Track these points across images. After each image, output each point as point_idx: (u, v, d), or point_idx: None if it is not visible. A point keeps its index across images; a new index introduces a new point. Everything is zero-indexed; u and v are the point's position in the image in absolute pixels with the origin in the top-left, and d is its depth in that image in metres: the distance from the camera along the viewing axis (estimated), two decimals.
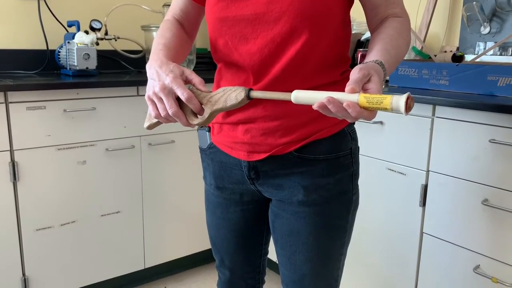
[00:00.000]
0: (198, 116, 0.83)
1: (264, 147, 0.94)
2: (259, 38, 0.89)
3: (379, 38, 0.87)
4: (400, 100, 0.66)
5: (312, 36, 0.87)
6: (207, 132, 1.05)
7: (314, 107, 0.71)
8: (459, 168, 1.38)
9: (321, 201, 0.96)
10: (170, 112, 0.82)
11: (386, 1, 0.92)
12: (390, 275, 1.62)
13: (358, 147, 1.03)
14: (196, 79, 0.84)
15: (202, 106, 0.83)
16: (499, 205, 1.30)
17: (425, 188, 1.47)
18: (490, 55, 1.79)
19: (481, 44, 1.84)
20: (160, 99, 0.82)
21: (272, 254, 1.28)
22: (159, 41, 0.94)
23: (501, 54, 1.77)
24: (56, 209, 1.77)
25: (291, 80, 0.89)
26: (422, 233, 1.51)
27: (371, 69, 0.75)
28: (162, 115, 0.83)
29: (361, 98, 0.69)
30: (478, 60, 1.69)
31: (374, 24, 0.94)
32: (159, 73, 0.83)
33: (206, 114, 0.82)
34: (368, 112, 0.70)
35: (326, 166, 0.95)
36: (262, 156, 0.95)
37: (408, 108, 0.67)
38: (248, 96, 0.80)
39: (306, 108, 0.92)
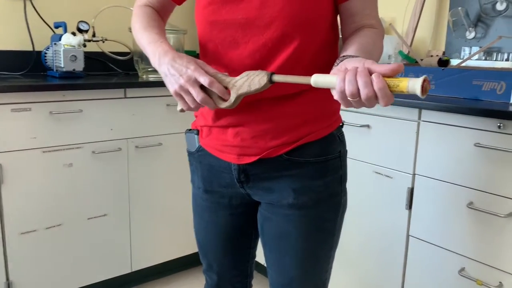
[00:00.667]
0: (225, 100, 0.86)
1: (255, 150, 0.94)
2: (250, 42, 0.89)
3: (354, 42, 0.88)
4: (416, 84, 0.67)
5: (303, 40, 0.88)
6: (196, 135, 1.05)
7: (341, 83, 0.71)
8: (444, 172, 1.40)
9: (311, 204, 0.96)
10: (198, 100, 0.84)
11: (362, 11, 0.93)
12: (377, 278, 1.63)
13: (346, 150, 1.04)
14: (213, 68, 0.86)
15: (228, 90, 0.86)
16: (484, 208, 1.31)
17: (411, 191, 1.49)
18: (475, 59, 1.81)
19: (467, 49, 1.86)
20: (187, 92, 0.84)
21: (260, 257, 1.28)
22: (151, 30, 0.94)
23: (486, 59, 1.79)
24: (41, 212, 1.75)
25: (282, 84, 0.90)
26: (408, 236, 1.52)
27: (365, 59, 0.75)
28: (192, 106, 0.86)
29: None
30: (463, 64, 1.71)
31: (348, 32, 0.94)
32: (176, 68, 0.84)
33: (232, 98, 0.85)
34: (389, 93, 0.69)
35: (316, 168, 0.96)
36: (253, 159, 0.95)
37: (424, 90, 0.67)
38: (270, 80, 0.81)
39: (296, 111, 0.93)
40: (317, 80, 0.76)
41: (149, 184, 2.02)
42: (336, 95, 0.73)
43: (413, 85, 0.67)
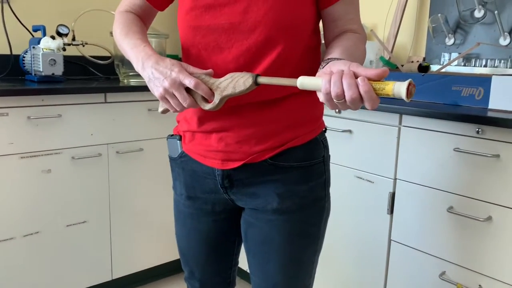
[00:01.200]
0: (209, 102, 0.85)
1: (239, 155, 0.94)
2: (233, 47, 0.89)
3: (338, 45, 0.89)
4: (401, 87, 0.67)
5: (287, 45, 0.88)
6: (178, 141, 1.04)
7: (327, 85, 0.72)
8: (425, 176, 1.41)
9: (295, 209, 0.96)
10: (185, 105, 0.84)
11: (345, 16, 0.94)
12: (359, 282, 1.63)
13: (329, 155, 1.04)
14: (197, 69, 0.85)
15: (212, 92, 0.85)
16: (463, 212, 1.33)
17: (392, 196, 1.50)
18: (455, 65, 1.84)
19: (446, 55, 1.89)
20: (173, 95, 0.84)
21: (243, 263, 1.27)
22: (133, 35, 0.94)
23: (465, 65, 1.82)
24: (19, 219, 1.71)
25: (267, 88, 0.89)
26: (390, 240, 1.53)
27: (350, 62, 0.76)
28: (178, 109, 0.86)
29: None
30: (443, 70, 1.73)
31: (331, 37, 0.96)
32: (160, 71, 0.84)
33: (217, 100, 0.84)
34: (374, 96, 0.70)
35: (300, 173, 0.96)
36: (237, 164, 0.94)
37: (409, 94, 0.68)
38: (255, 82, 0.81)
39: (280, 116, 0.93)
40: (303, 82, 0.76)
41: (130, 190, 1.99)
42: (321, 97, 0.74)
43: (399, 88, 0.68)
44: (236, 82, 0.82)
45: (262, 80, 0.81)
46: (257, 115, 0.92)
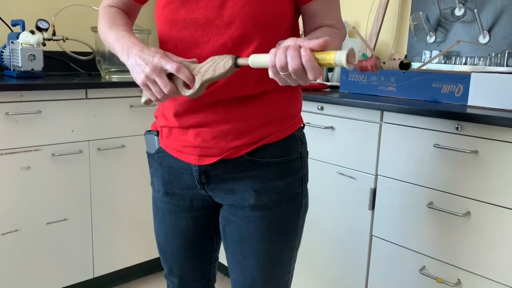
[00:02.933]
0: (190, 88, 0.84)
1: (216, 151, 0.93)
2: (209, 42, 0.88)
3: (308, 35, 0.90)
4: (342, 55, 0.69)
5: (263, 41, 0.88)
6: (155, 137, 1.03)
7: (272, 58, 0.73)
8: (405, 172, 1.42)
9: (272, 205, 0.96)
10: (166, 91, 0.82)
11: (322, 12, 0.94)
12: (341, 277, 1.64)
13: (307, 151, 1.05)
14: (181, 58, 0.84)
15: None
16: (443, 207, 1.35)
17: (373, 192, 1.51)
18: (435, 63, 1.86)
19: (427, 53, 1.91)
20: (154, 82, 0.82)
21: (224, 259, 1.27)
22: (117, 27, 0.93)
23: (445, 63, 1.84)
24: None
25: (243, 85, 0.89)
26: (371, 235, 1.54)
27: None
28: (159, 97, 0.84)
29: None
30: (424, 68, 1.75)
31: (309, 32, 0.97)
32: (143, 58, 0.83)
33: (197, 84, 0.82)
34: (316, 65, 0.71)
35: (277, 169, 0.96)
36: (213, 159, 0.94)
37: (350, 61, 0.69)
38: (235, 64, 0.80)
39: (257, 112, 0.93)
40: (254, 60, 0.77)
41: (112, 188, 1.97)
42: (269, 72, 0.75)
43: (340, 56, 0.69)
44: (216, 65, 0.81)
45: (242, 61, 0.80)
46: (234, 111, 0.92)
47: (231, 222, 1.00)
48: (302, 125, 1.03)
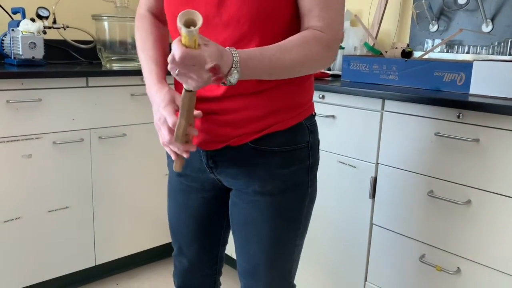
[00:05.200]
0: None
1: (221, 138, 0.95)
2: (211, 37, 0.88)
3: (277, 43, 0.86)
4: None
5: (262, 41, 0.87)
6: None
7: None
8: (406, 161, 1.42)
9: (276, 192, 0.97)
10: (164, 140, 0.90)
11: (310, 12, 0.88)
12: (341, 265, 1.65)
13: (318, 140, 1.04)
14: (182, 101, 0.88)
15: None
16: (443, 196, 1.35)
17: (374, 181, 1.51)
18: (438, 52, 1.85)
19: (430, 41, 1.90)
20: (160, 129, 0.90)
21: (228, 248, 1.28)
22: (146, 52, 0.99)
23: (447, 51, 1.83)
24: None
25: (244, 82, 0.89)
26: (371, 224, 1.54)
27: (216, 45, 0.76)
28: (163, 143, 0.92)
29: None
30: (426, 56, 1.74)
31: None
32: (156, 102, 0.92)
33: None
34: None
35: (281, 158, 0.96)
36: (219, 146, 0.95)
37: (187, 26, 0.71)
38: (186, 89, 0.82)
39: (264, 103, 0.92)
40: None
41: (113, 176, 1.98)
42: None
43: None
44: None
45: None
46: (240, 103, 0.92)
47: (237, 206, 1.01)
48: (312, 114, 1.02)
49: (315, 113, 1.04)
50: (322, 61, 0.89)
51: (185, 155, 0.89)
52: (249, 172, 0.96)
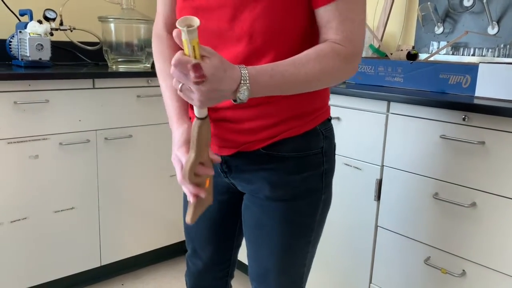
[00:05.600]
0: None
1: (232, 144, 0.94)
2: (224, 50, 0.87)
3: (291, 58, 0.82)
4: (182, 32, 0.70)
5: (277, 55, 0.86)
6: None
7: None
8: (411, 163, 1.42)
9: (287, 198, 0.96)
10: (178, 180, 0.89)
11: (328, 24, 0.84)
12: (346, 267, 1.65)
13: (334, 145, 1.01)
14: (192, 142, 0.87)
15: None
16: (448, 198, 1.34)
17: (379, 183, 1.51)
18: (443, 54, 1.85)
19: (435, 44, 1.90)
20: (175, 168, 0.91)
21: (243, 257, 1.29)
22: (166, 83, 0.98)
23: (453, 54, 1.83)
24: (6, 205, 1.70)
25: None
26: (376, 226, 1.54)
27: (220, 58, 0.73)
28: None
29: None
30: (431, 59, 1.74)
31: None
32: (173, 140, 0.93)
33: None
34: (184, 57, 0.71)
35: (294, 164, 0.94)
36: (232, 151, 0.95)
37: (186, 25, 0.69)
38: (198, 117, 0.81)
39: (276, 111, 0.91)
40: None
41: (119, 177, 1.99)
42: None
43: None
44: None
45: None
46: (253, 112, 0.91)
47: (249, 209, 1.01)
48: (328, 118, 0.99)
49: (331, 117, 1.01)
50: (340, 75, 0.86)
51: (191, 200, 0.86)
52: (261, 177, 0.95)
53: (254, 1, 0.83)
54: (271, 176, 0.95)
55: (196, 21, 0.69)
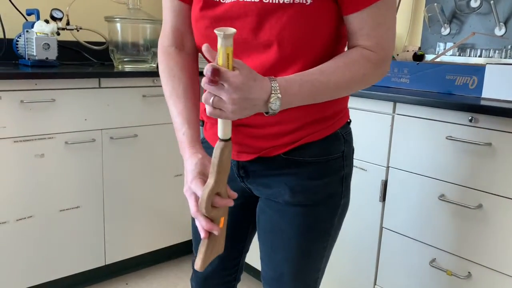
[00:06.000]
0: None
1: (252, 149, 0.92)
2: (249, 58, 0.85)
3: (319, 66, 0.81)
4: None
5: (306, 62, 0.84)
6: (201, 127, 1.03)
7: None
8: (417, 164, 1.42)
9: (307, 203, 0.94)
10: (191, 212, 0.83)
11: (360, 31, 0.83)
12: (351, 268, 1.65)
13: (353, 149, 1.00)
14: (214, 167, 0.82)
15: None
16: (455, 200, 1.34)
17: (385, 184, 1.50)
18: (450, 55, 1.84)
19: (441, 45, 1.89)
20: (188, 199, 0.85)
21: (250, 259, 1.29)
22: (176, 106, 0.91)
23: (459, 55, 1.82)
24: (12, 203, 1.71)
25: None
26: (381, 227, 1.54)
27: (250, 68, 0.72)
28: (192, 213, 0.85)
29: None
30: (438, 59, 1.73)
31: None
32: (186, 170, 0.86)
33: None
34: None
35: (315, 168, 0.93)
36: (251, 157, 0.93)
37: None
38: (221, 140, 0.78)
39: (297, 117, 0.89)
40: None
41: (124, 176, 1.99)
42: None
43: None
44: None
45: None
46: (274, 117, 0.87)
47: (265, 213, 0.99)
48: (347, 121, 0.98)
49: (350, 120, 0.99)
50: (370, 80, 0.85)
51: (202, 234, 0.82)
52: (281, 182, 0.93)
53: (281, 9, 0.80)
54: (291, 181, 0.93)
55: (232, 29, 0.69)
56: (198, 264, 0.82)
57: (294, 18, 0.80)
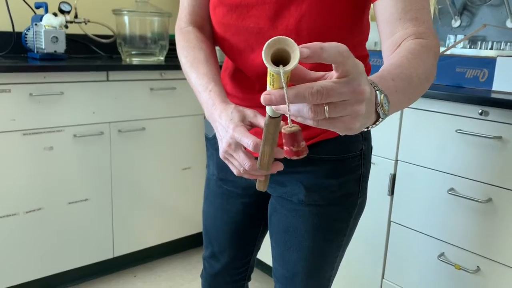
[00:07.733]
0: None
1: None
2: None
3: (388, 66, 0.65)
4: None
5: None
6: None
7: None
8: (426, 158, 1.40)
9: (322, 203, 0.91)
10: (246, 168, 0.73)
11: (404, 15, 0.71)
12: (358, 262, 1.64)
13: (371, 147, 0.97)
14: (261, 120, 0.73)
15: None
16: (464, 194, 1.33)
17: (393, 177, 1.49)
18: (460, 48, 1.81)
19: (452, 37, 1.87)
20: (232, 156, 0.76)
21: (262, 255, 1.29)
22: (199, 70, 0.85)
23: (470, 47, 1.80)
24: (21, 196, 1.72)
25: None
26: (389, 221, 1.53)
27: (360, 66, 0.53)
28: (241, 172, 0.76)
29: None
30: (448, 52, 1.71)
31: (388, 51, 0.73)
32: (220, 127, 0.76)
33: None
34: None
35: (331, 167, 0.90)
36: None
37: (276, 60, 0.52)
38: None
39: None
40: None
41: (132, 169, 2.00)
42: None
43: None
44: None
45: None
46: None
47: (278, 212, 0.97)
48: None
49: None
50: (435, 73, 0.73)
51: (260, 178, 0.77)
52: (296, 180, 0.91)
53: None
54: (307, 180, 0.90)
55: (292, 45, 0.51)
56: (261, 186, 0.78)
57: (314, 5, 0.77)
